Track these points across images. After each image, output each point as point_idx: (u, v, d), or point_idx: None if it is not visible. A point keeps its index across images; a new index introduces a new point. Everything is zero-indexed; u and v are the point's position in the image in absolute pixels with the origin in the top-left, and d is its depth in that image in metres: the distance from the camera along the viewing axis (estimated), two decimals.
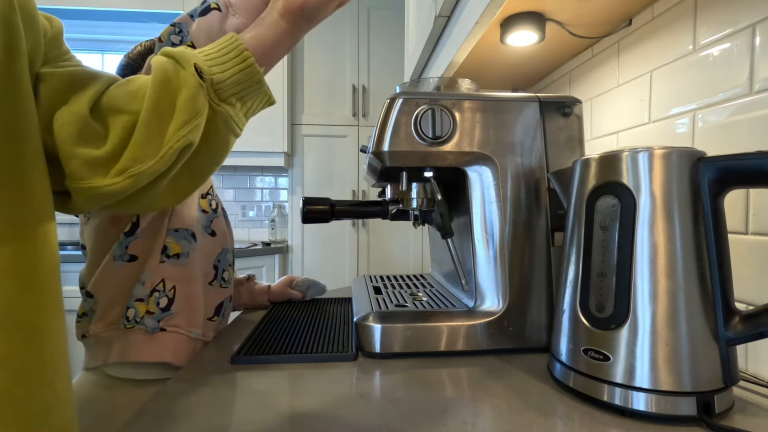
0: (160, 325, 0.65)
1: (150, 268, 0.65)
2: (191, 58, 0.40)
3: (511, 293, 0.62)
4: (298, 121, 2.50)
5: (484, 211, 0.65)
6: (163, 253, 0.66)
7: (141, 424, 0.42)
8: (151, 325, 0.64)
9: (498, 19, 0.78)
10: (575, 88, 0.96)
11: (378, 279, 0.98)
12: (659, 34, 0.71)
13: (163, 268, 0.66)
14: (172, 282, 0.66)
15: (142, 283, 0.65)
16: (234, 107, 0.43)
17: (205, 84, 0.39)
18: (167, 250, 0.66)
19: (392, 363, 0.58)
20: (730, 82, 0.57)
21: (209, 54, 0.42)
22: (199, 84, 0.39)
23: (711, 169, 0.43)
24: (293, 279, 0.94)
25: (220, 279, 0.75)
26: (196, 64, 0.39)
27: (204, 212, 0.73)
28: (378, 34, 2.53)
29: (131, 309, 0.64)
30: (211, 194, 0.77)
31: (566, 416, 0.43)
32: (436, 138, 0.61)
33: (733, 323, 0.42)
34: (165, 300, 0.66)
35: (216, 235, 0.75)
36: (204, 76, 0.39)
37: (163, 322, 0.65)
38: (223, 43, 0.42)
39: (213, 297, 0.73)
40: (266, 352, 0.60)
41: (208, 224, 0.74)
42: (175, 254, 0.67)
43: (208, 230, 0.74)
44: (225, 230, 0.78)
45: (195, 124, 0.39)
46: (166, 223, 0.67)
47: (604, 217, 0.47)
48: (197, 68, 0.39)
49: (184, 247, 0.68)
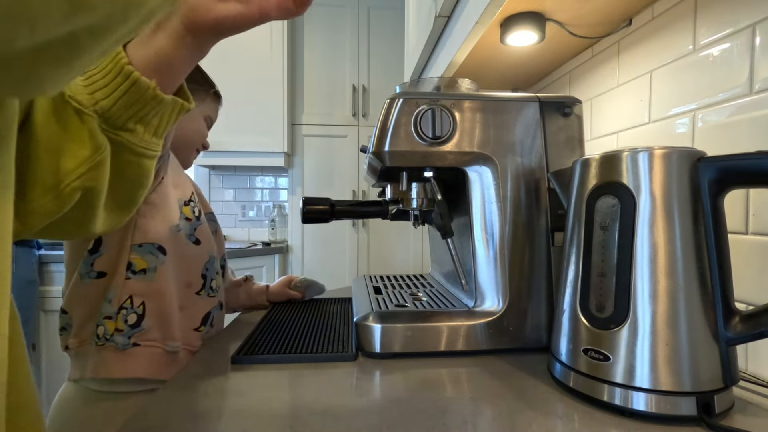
0: (132, 340, 0.64)
1: (116, 285, 0.64)
2: (65, 89, 0.35)
3: (511, 293, 0.62)
4: (298, 121, 2.50)
5: (484, 211, 0.65)
6: (129, 269, 0.65)
7: (140, 424, 0.42)
8: (121, 342, 0.63)
9: (498, 19, 0.78)
10: (575, 88, 0.96)
11: (378, 279, 0.98)
12: (659, 34, 0.71)
13: (130, 285, 0.65)
14: (141, 298, 0.65)
15: (109, 300, 0.64)
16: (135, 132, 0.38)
17: (90, 117, 0.35)
18: (132, 266, 0.65)
19: (392, 363, 0.58)
20: (730, 82, 0.57)
21: (93, 77, 0.37)
22: (80, 123, 0.35)
23: (711, 169, 0.43)
24: (292, 279, 0.94)
25: (209, 288, 0.73)
26: (70, 98, 0.35)
27: (187, 220, 0.72)
28: (378, 34, 2.53)
29: (101, 326, 0.64)
30: (194, 201, 0.75)
31: (566, 416, 0.43)
32: (436, 138, 0.61)
33: (733, 323, 0.42)
34: (134, 316, 0.64)
35: (201, 243, 0.73)
36: (85, 111, 0.35)
37: (136, 337, 0.64)
38: (105, 63, 0.37)
39: (200, 307, 0.72)
40: (266, 352, 0.59)
41: (192, 232, 0.72)
42: (141, 269, 0.65)
43: (192, 238, 0.72)
44: (210, 237, 0.76)
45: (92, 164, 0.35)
46: (129, 238, 0.65)
47: (604, 217, 0.47)
48: (73, 103, 0.35)
49: (150, 262, 0.66)
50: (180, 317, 0.69)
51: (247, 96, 2.32)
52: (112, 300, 0.64)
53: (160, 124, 0.40)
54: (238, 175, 2.66)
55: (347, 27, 2.50)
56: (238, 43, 2.30)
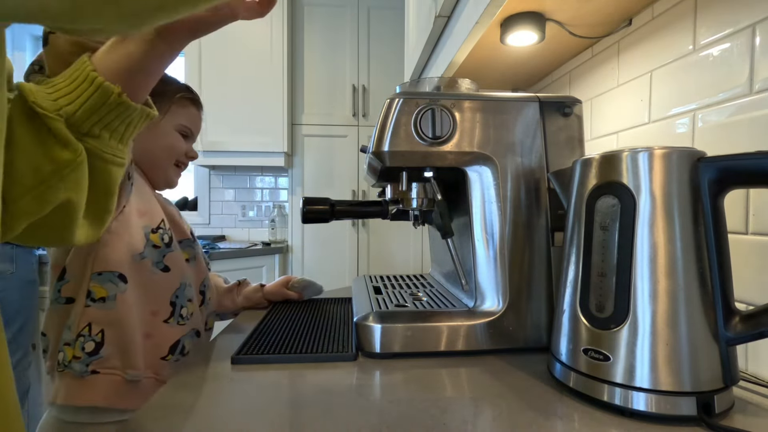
0: (90, 368, 0.64)
1: (76, 313, 0.64)
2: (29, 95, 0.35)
3: (511, 293, 0.62)
4: (298, 121, 2.50)
5: (484, 211, 0.65)
6: (88, 297, 0.65)
7: (139, 423, 0.42)
8: (79, 369, 0.63)
9: (498, 19, 0.78)
10: (575, 88, 0.96)
11: (378, 279, 0.98)
12: (659, 34, 0.71)
13: (89, 312, 0.64)
14: (100, 326, 0.64)
15: (69, 327, 0.64)
16: (100, 138, 0.38)
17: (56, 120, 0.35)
18: (92, 293, 0.65)
19: (392, 363, 0.58)
20: (730, 82, 0.57)
21: (57, 85, 0.37)
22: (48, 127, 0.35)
23: (711, 169, 0.43)
24: (290, 279, 0.94)
25: (178, 316, 0.72)
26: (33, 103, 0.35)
27: (155, 247, 0.70)
28: (378, 34, 2.53)
29: (61, 353, 0.64)
30: (164, 228, 0.72)
31: (566, 416, 0.43)
32: (436, 138, 0.61)
33: (733, 323, 0.42)
34: (92, 344, 0.64)
35: (170, 270, 0.71)
36: (48, 114, 0.35)
37: (94, 365, 0.64)
38: (71, 70, 0.38)
39: (168, 335, 0.70)
40: (266, 352, 0.60)
41: (160, 259, 0.71)
42: (100, 298, 0.65)
43: (160, 265, 0.70)
44: (182, 264, 0.74)
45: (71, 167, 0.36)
46: (89, 266, 0.65)
47: (604, 217, 0.47)
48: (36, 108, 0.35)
49: (110, 290, 0.65)
50: (146, 345, 0.68)
51: (247, 96, 2.32)
52: (71, 327, 0.64)
53: (126, 130, 0.40)
54: (238, 175, 2.66)
55: (347, 27, 2.50)
56: (238, 43, 2.30)
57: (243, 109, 2.31)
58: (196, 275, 0.79)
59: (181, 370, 0.56)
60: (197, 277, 0.80)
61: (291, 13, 2.43)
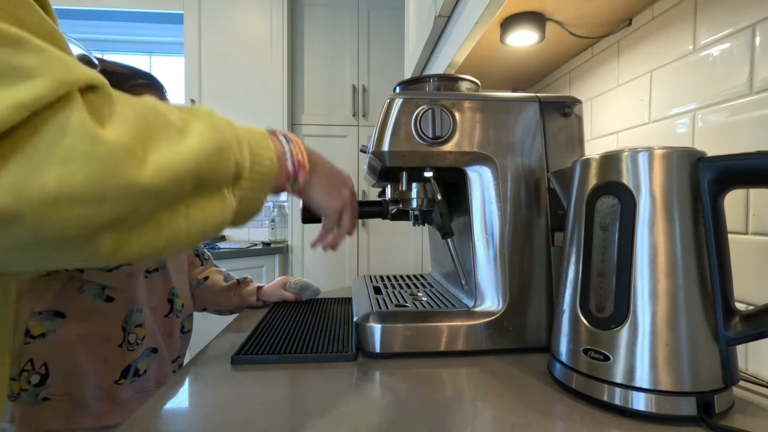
0: (40, 396, 0.65)
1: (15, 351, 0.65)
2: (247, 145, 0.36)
3: (511, 293, 0.62)
4: (298, 121, 2.50)
5: (484, 211, 0.65)
6: (27, 335, 0.66)
7: (140, 423, 0.42)
8: (28, 400, 0.65)
9: (498, 19, 0.78)
10: (575, 88, 0.96)
11: (378, 279, 0.98)
12: (659, 34, 0.71)
13: (29, 349, 0.66)
14: (42, 359, 0.66)
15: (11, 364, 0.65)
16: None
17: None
18: (30, 331, 0.66)
19: (392, 363, 0.58)
20: (730, 82, 0.57)
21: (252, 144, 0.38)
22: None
23: (711, 169, 0.43)
24: (288, 280, 0.94)
25: (127, 343, 0.72)
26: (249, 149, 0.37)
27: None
28: (378, 34, 2.52)
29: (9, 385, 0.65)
30: None
31: (566, 416, 0.43)
32: (436, 138, 0.61)
33: (733, 323, 0.42)
34: (37, 377, 0.66)
35: (115, 300, 0.72)
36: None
37: (44, 393, 0.65)
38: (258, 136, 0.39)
39: (120, 360, 0.71)
40: (266, 352, 0.59)
41: (100, 292, 0.71)
42: (39, 334, 0.66)
43: (102, 296, 0.71)
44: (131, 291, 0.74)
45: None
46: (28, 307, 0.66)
47: (604, 217, 0.47)
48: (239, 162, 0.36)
49: (47, 327, 0.67)
50: (103, 370, 0.70)
51: (247, 96, 2.32)
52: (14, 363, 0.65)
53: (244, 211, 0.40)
54: None
55: (347, 27, 2.50)
56: (239, 43, 2.30)
57: (243, 109, 2.31)
58: (162, 287, 0.80)
59: (181, 371, 0.56)
60: (163, 289, 0.80)
61: (291, 13, 2.43)
